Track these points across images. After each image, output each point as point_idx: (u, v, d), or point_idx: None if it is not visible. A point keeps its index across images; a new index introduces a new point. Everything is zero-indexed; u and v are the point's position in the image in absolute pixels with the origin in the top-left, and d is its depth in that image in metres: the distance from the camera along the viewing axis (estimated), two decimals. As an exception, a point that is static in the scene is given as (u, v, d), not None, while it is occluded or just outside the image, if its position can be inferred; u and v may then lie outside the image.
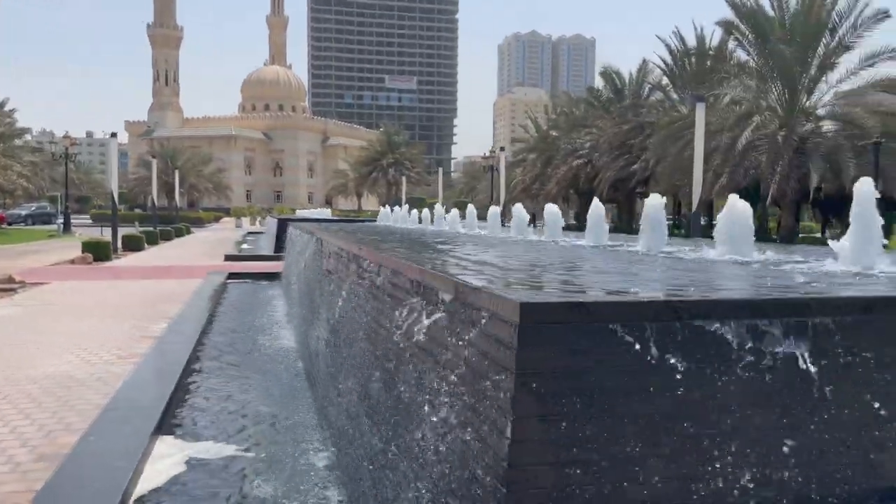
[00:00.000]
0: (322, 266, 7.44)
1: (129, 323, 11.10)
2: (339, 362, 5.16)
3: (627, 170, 39.74)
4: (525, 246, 7.35)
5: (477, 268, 3.70)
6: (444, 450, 2.63)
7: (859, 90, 29.39)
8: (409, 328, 3.31)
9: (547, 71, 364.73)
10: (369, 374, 4.14)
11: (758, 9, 30.31)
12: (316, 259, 8.37)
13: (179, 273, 19.87)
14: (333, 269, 6.19)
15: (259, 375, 8.30)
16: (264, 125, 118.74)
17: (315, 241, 8.41)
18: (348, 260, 5.43)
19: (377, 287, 4.38)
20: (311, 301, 8.26)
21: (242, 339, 10.48)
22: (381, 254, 4.50)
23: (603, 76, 49.98)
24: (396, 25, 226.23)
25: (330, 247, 6.47)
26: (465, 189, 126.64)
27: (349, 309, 5.16)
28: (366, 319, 4.52)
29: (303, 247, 10.12)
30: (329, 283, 6.58)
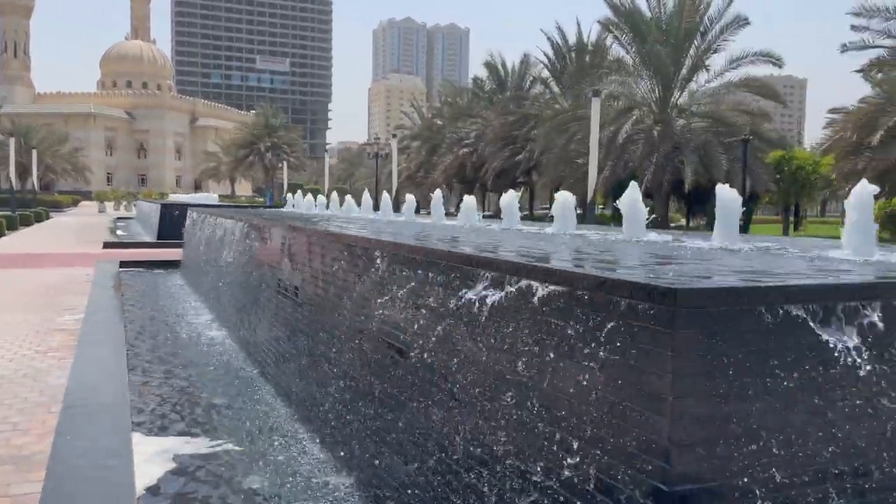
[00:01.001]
0: (287, 262, 7.16)
1: (32, 315, 10.24)
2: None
3: (512, 160, 40.88)
4: (510, 235, 7.48)
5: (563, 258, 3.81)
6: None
7: (725, 90, 31.85)
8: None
9: (422, 59, 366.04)
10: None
11: (635, 10, 32.07)
12: (263, 251, 8.09)
13: (56, 261, 18.43)
14: (330, 272, 5.96)
15: (205, 368, 7.98)
16: (127, 103, 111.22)
17: (270, 232, 8.06)
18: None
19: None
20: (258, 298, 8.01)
21: (169, 329, 9.99)
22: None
23: (487, 67, 50.98)
24: (268, 4, 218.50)
25: (325, 243, 6.06)
26: (343, 175, 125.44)
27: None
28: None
29: (229, 236, 9.72)
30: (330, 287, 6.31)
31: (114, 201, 65.54)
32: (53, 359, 7.59)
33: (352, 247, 5.21)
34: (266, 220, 8.45)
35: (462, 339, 3.50)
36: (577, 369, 2.67)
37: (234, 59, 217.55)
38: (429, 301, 3.91)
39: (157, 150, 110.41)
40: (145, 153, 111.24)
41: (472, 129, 48.80)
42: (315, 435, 5.52)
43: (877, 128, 20.98)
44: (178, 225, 24.59)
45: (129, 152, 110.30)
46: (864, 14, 21.23)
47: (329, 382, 5.37)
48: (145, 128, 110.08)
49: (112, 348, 7.23)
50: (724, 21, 30.09)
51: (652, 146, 29.41)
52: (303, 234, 6.59)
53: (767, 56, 30.39)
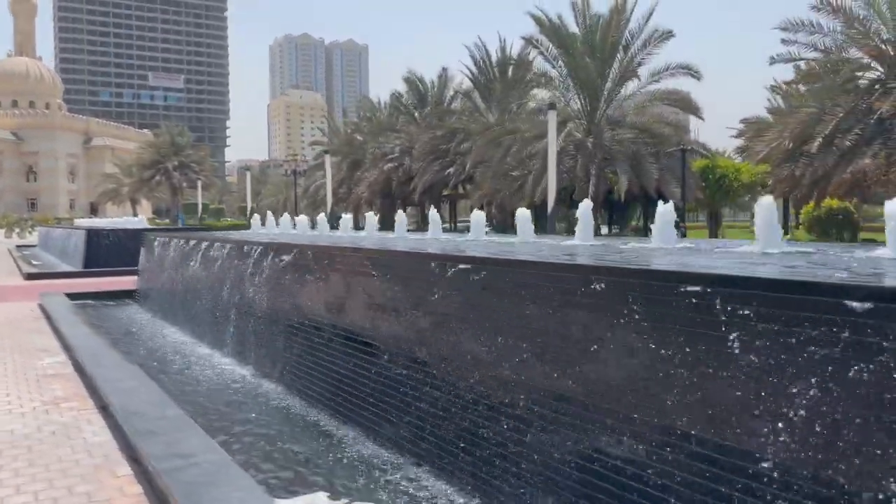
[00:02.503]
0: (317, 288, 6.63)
1: (5, 359, 9.12)
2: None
3: (442, 174, 40.85)
4: (535, 246, 7.30)
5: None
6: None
7: (649, 102, 33.06)
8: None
9: (321, 75, 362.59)
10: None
11: (561, 25, 32.82)
12: (318, 289, 7.38)
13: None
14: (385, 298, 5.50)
15: (253, 414, 7.23)
16: (13, 124, 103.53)
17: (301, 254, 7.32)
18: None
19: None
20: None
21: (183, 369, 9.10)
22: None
23: (406, 82, 50.91)
24: (160, 20, 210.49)
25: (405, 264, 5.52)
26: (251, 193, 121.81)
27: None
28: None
29: (246, 266, 8.86)
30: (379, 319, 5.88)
31: (5, 228, 60.73)
32: (71, 411, 6.72)
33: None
34: (320, 248, 7.72)
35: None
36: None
37: (124, 76, 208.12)
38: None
39: (48, 172, 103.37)
40: (35, 176, 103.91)
41: (396, 143, 48.51)
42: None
43: (814, 136, 22.26)
44: (109, 252, 23.04)
45: (17, 175, 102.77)
46: (791, 28, 22.54)
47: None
48: (34, 149, 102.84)
49: (149, 394, 6.46)
50: (648, 34, 31.25)
51: (587, 157, 30.07)
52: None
53: (686, 69, 31.78)
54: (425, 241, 9.24)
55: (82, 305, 14.29)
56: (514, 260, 5.07)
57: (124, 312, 13.99)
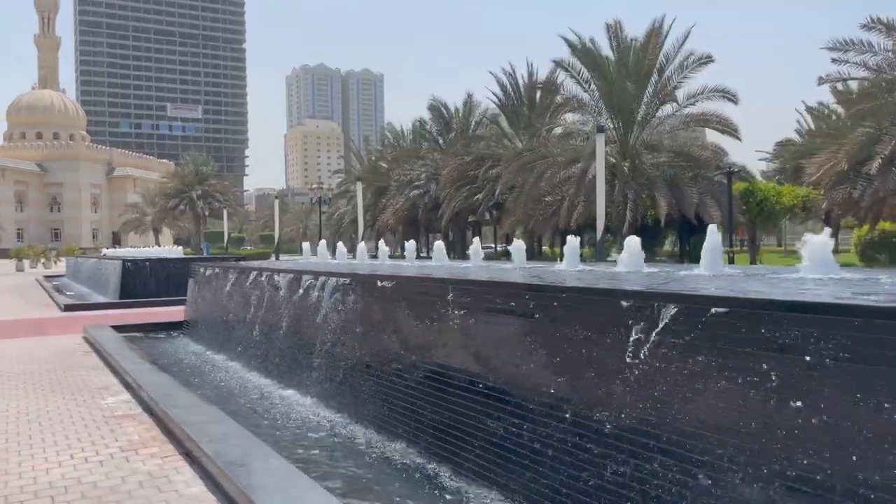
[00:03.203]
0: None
1: (64, 400, 8.62)
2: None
3: (470, 200, 40.43)
4: (609, 274, 6.73)
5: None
6: None
7: (684, 125, 32.55)
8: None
9: (337, 104, 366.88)
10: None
11: (594, 48, 32.51)
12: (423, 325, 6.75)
13: (24, 330, 16.36)
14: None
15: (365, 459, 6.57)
16: (38, 155, 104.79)
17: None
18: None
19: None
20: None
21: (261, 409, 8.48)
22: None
23: (430, 109, 50.80)
24: (178, 52, 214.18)
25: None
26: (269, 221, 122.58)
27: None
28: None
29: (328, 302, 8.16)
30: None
31: (31, 258, 60.91)
32: (153, 458, 6.17)
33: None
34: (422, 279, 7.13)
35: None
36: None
37: (143, 107, 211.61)
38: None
39: (72, 203, 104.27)
40: (59, 207, 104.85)
41: (422, 170, 48.28)
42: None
43: (872, 156, 21.60)
44: (145, 282, 22.70)
45: (41, 206, 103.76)
46: (840, 48, 22.01)
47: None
48: (58, 180, 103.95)
49: (242, 440, 5.90)
50: (684, 58, 30.82)
51: (624, 181, 29.54)
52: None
53: (723, 92, 31.26)
54: (504, 270, 8.63)
55: (130, 338, 13.81)
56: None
57: (174, 345, 13.49)
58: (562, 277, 6.45)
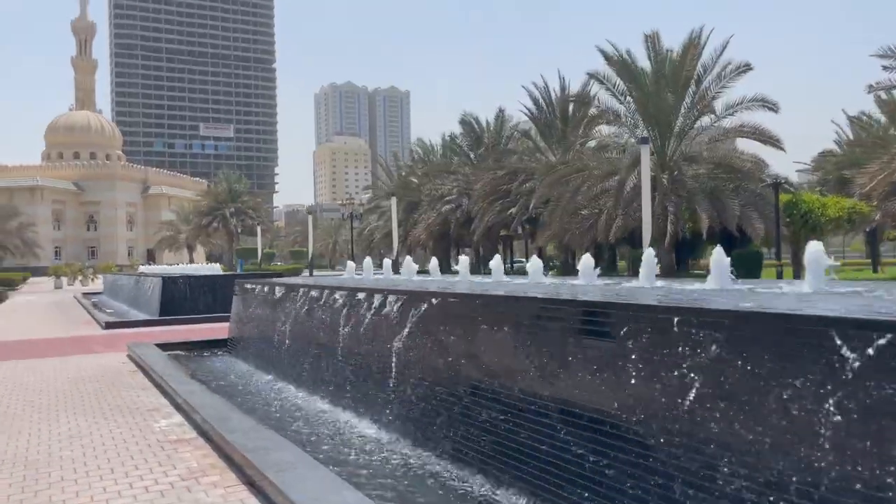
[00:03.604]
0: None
1: (115, 423, 8.45)
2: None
3: (503, 215, 40.11)
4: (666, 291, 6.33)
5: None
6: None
7: (724, 135, 31.94)
8: None
9: (364, 120, 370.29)
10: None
11: (630, 60, 32.11)
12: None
13: (69, 348, 16.39)
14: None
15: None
16: (75, 174, 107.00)
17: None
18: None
19: None
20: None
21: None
22: None
23: (462, 123, 50.73)
24: (210, 73, 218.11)
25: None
26: (299, 237, 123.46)
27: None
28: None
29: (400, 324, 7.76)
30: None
31: (69, 275, 61.92)
32: (216, 488, 5.92)
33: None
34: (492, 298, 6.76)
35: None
36: None
37: (177, 126, 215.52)
38: None
39: (109, 221, 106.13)
40: (95, 225, 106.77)
41: (454, 185, 48.13)
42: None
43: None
44: (185, 299, 22.72)
45: (78, 225, 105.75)
46: (891, 55, 21.37)
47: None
48: (95, 199, 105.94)
49: (311, 471, 5.62)
50: (722, 67, 30.28)
51: (663, 194, 28.99)
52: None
53: (763, 101, 30.61)
54: (583, 288, 8.09)
55: (174, 356, 13.69)
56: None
57: (220, 364, 13.33)
58: (699, 297, 5.61)
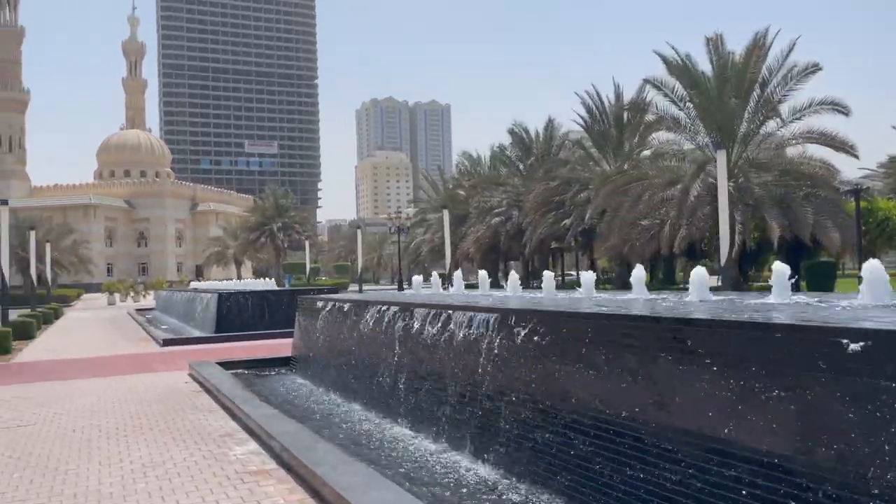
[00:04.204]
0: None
1: (187, 448, 7.83)
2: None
3: (557, 226, 39.13)
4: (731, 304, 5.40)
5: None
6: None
7: (789, 141, 30.51)
8: None
9: (405, 135, 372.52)
10: None
11: (690, 65, 30.98)
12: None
13: (128, 366, 16.02)
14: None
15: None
16: (127, 192, 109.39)
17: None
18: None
19: None
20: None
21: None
22: None
23: (511, 134, 49.97)
24: (255, 90, 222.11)
25: None
26: (344, 252, 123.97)
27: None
28: None
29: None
30: None
31: (121, 292, 62.83)
32: (310, 530, 5.20)
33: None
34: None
35: None
36: None
37: (222, 144, 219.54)
38: None
39: (159, 237, 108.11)
40: (146, 241, 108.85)
41: (503, 197, 47.35)
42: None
43: None
44: (241, 316, 22.33)
45: (129, 241, 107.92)
46: None
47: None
48: (145, 216, 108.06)
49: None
50: (788, 69, 28.97)
51: (731, 203, 27.68)
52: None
53: (833, 104, 29.16)
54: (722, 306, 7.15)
55: (236, 374, 13.12)
56: None
57: (285, 383, 12.70)
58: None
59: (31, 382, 13.84)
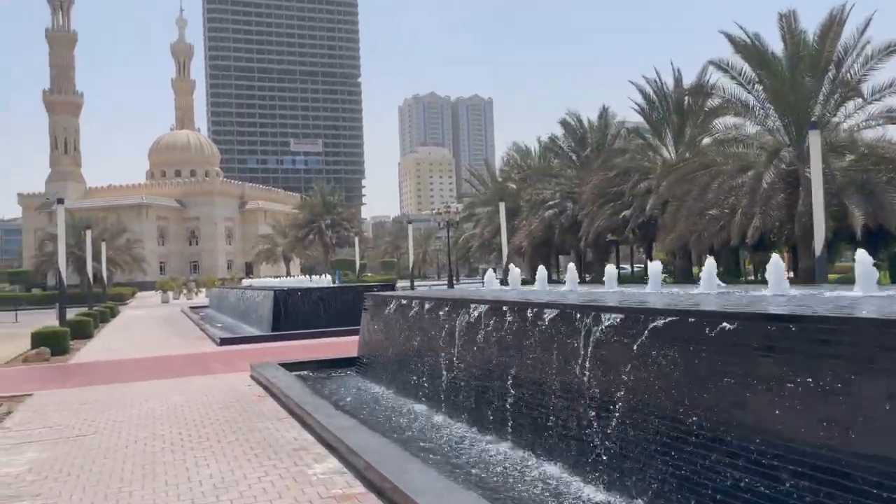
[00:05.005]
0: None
1: (260, 465, 7.01)
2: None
3: (615, 218, 37.68)
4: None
5: None
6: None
7: (867, 123, 28.60)
8: None
9: (448, 130, 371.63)
10: None
11: (760, 45, 29.26)
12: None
13: (188, 367, 15.46)
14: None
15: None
16: (178, 192, 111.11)
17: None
18: None
19: None
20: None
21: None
22: None
23: (563, 125, 48.52)
24: (299, 90, 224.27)
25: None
26: (390, 248, 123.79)
27: None
28: None
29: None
30: None
31: (174, 290, 63.45)
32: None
33: None
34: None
35: None
36: None
37: (268, 143, 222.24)
38: None
39: (209, 236, 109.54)
40: (196, 240, 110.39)
41: (557, 189, 46.00)
42: None
43: None
44: (297, 313, 21.73)
45: (181, 240, 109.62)
46: None
47: None
48: (196, 215, 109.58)
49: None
50: (864, 46, 27.08)
51: (808, 190, 25.99)
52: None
53: (917, 83, 27.17)
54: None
55: (300, 376, 12.34)
56: None
57: (353, 387, 11.87)
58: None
59: (90, 385, 13.34)
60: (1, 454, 8.02)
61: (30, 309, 50.66)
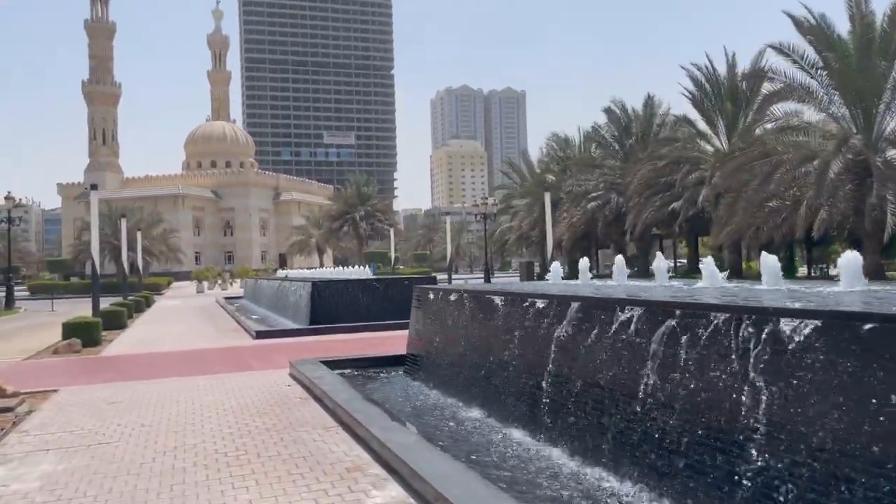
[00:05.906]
0: None
1: (314, 491, 5.88)
2: None
3: (664, 210, 36.06)
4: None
5: None
6: None
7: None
8: None
9: (480, 123, 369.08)
10: None
11: (826, 26, 27.43)
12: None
13: (223, 362, 14.49)
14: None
15: None
16: (213, 182, 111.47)
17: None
18: None
19: None
20: None
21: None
22: None
23: (607, 113, 46.88)
24: (333, 82, 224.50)
25: None
26: (422, 241, 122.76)
27: None
28: None
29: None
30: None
31: (209, 280, 63.28)
32: None
33: None
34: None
35: None
36: None
37: (302, 136, 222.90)
38: None
39: (244, 226, 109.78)
40: (231, 231, 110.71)
41: (600, 180, 44.42)
42: None
43: None
44: (336, 306, 20.73)
45: (216, 230, 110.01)
46: None
47: None
48: (231, 205, 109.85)
49: None
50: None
51: (882, 181, 24.23)
52: None
53: None
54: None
55: (343, 375, 11.23)
56: None
57: (405, 390, 10.71)
58: None
59: (119, 381, 12.41)
60: (14, 465, 7.04)
61: (67, 297, 50.74)
